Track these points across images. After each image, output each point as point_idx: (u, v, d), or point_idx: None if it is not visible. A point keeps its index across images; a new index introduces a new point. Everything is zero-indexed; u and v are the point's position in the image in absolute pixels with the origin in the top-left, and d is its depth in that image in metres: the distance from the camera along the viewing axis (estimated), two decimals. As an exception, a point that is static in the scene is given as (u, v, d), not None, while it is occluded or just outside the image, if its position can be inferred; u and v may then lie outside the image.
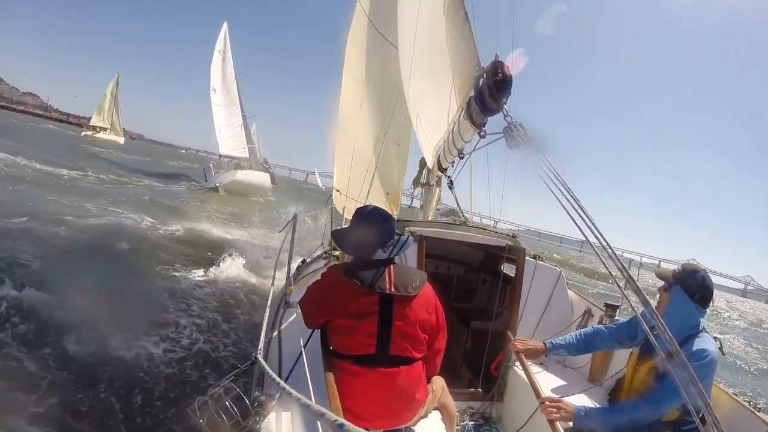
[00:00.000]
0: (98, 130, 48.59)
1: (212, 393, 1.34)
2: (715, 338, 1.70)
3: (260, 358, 1.40)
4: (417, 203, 5.05)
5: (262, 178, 18.42)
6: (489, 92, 1.80)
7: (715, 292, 1.77)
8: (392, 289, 1.53)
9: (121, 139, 49.22)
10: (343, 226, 2.92)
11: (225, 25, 21.16)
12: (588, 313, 2.73)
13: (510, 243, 2.80)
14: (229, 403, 1.31)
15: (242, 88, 20.65)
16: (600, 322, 2.46)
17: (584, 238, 1.21)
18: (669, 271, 1.78)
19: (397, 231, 1.70)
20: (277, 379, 1.11)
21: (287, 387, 1.08)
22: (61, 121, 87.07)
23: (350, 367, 1.52)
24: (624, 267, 1.21)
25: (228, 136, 19.55)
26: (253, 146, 19.96)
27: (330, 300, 1.57)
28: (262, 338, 1.60)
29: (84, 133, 47.20)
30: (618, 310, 2.52)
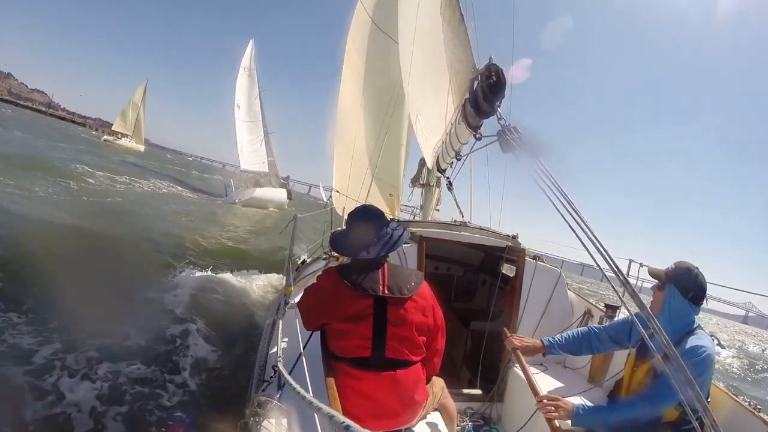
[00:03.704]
0: (119, 136, 48.25)
1: (248, 412, 1.34)
2: (711, 335, 1.70)
3: (282, 368, 1.39)
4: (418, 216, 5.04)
5: (278, 194, 19.25)
6: (483, 95, 1.79)
7: (716, 319, 1.76)
8: (386, 291, 1.52)
9: (142, 147, 48.94)
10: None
11: (251, 43, 21.36)
12: (588, 314, 2.72)
13: (510, 244, 2.80)
14: (265, 417, 1.31)
15: (265, 104, 21.03)
16: (600, 323, 2.46)
17: (579, 241, 1.20)
18: (662, 270, 1.77)
19: (392, 228, 1.68)
20: (302, 392, 1.09)
21: (308, 395, 1.06)
22: (63, 119, 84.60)
23: (348, 370, 1.52)
24: (620, 270, 1.21)
25: (249, 152, 20.02)
26: (273, 159, 20.35)
27: (325, 303, 1.58)
28: (279, 347, 1.59)
29: (104, 138, 46.82)
30: (618, 311, 2.52)
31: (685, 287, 1.67)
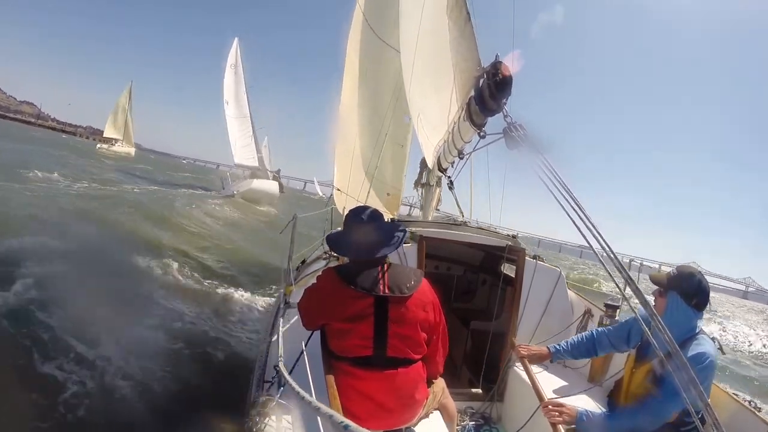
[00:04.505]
0: (113, 142, 47.47)
1: (250, 412, 1.34)
2: (713, 339, 1.69)
3: (283, 368, 1.38)
4: (417, 212, 5.06)
5: (272, 187, 20.52)
6: (489, 92, 1.80)
7: (716, 294, 1.75)
8: (386, 291, 1.52)
9: (132, 150, 48.42)
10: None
11: (236, 41, 22.30)
12: (588, 314, 2.72)
13: (510, 243, 2.80)
14: (267, 417, 1.30)
15: (252, 100, 21.89)
16: (600, 323, 2.46)
17: (583, 238, 1.21)
18: (664, 275, 1.74)
19: (392, 228, 1.69)
20: (302, 392, 1.08)
21: (307, 395, 1.05)
22: (53, 129, 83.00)
23: (348, 369, 1.52)
24: (623, 267, 1.21)
25: (241, 146, 20.98)
26: (261, 155, 21.25)
27: (325, 304, 1.57)
28: (280, 347, 1.58)
29: (99, 146, 46.03)
30: (618, 311, 2.52)
31: (688, 294, 1.64)
